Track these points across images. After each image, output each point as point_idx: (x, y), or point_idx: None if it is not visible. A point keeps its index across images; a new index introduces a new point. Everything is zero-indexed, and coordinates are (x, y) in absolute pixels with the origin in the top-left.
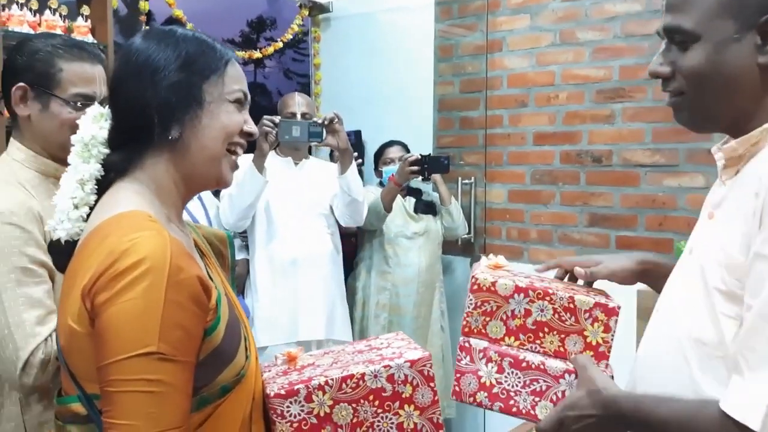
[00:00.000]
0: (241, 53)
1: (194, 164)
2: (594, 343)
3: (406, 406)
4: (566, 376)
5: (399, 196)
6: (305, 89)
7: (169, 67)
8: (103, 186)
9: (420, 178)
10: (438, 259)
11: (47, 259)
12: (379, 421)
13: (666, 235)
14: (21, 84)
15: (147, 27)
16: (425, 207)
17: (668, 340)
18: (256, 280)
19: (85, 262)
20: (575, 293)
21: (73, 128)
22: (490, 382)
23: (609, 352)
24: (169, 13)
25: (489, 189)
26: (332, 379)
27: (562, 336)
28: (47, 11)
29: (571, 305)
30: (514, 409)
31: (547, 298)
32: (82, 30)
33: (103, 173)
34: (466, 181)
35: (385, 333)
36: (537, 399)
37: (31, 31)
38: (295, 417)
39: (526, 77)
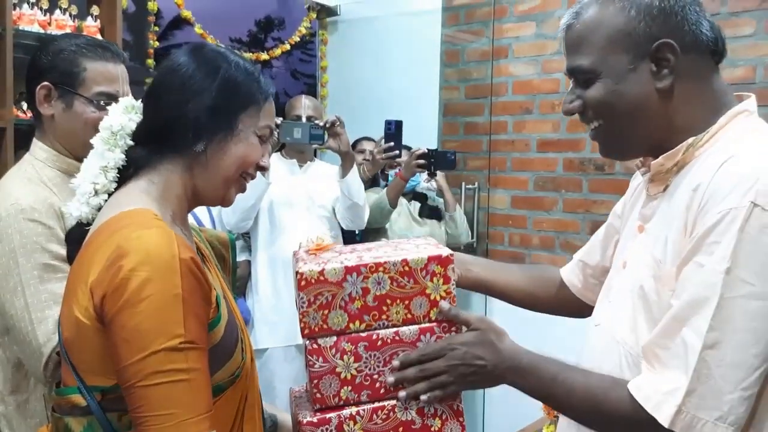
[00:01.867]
0: (248, 54)
1: (207, 180)
2: (438, 298)
3: None
4: (422, 337)
5: (404, 200)
6: (312, 90)
7: (214, 90)
8: (122, 177)
9: (426, 173)
10: None
11: None
12: None
13: None
14: (45, 83)
15: (159, 29)
16: (430, 212)
17: (609, 356)
18: (258, 281)
19: (92, 257)
20: (407, 253)
21: (96, 127)
22: (351, 374)
23: (454, 302)
24: (177, 13)
25: (492, 194)
26: (363, 410)
27: (406, 302)
28: (57, 11)
29: (406, 267)
30: (383, 391)
31: (381, 269)
32: (91, 30)
33: (125, 164)
34: (470, 186)
35: None
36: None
37: (41, 31)
38: None
39: (531, 84)
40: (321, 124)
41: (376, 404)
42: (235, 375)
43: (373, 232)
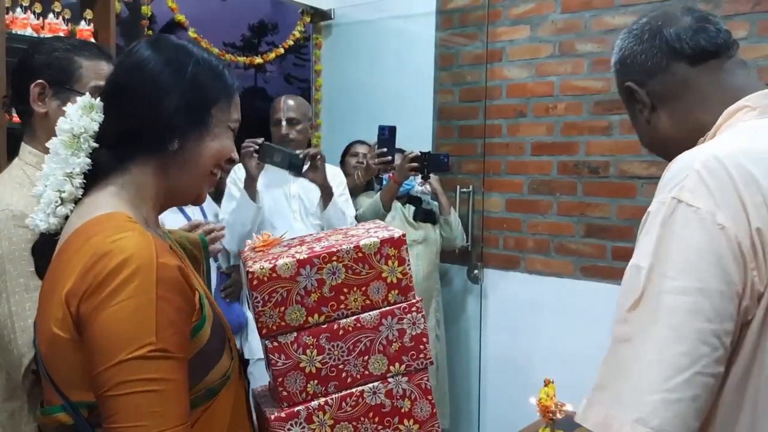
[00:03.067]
0: (242, 58)
1: (182, 178)
2: (395, 281)
3: (405, 421)
4: (383, 321)
5: (399, 204)
6: (305, 94)
7: (185, 86)
8: (88, 182)
9: (419, 176)
10: (436, 267)
11: None
12: None
13: None
14: (40, 81)
15: (153, 34)
16: (424, 215)
17: None
18: None
19: (66, 266)
20: (358, 239)
21: None
22: (315, 367)
23: (411, 282)
24: (171, 17)
25: (487, 198)
26: (332, 399)
27: (364, 288)
28: (51, 14)
29: (360, 254)
30: (349, 380)
31: (335, 258)
32: (84, 34)
33: (91, 167)
34: (465, 189)
35: None
36: (366, 357)
37: (35, 35)
38: None
39: (525, 87)
40: (301, 154)
41: (344, 392)
42: (226, 376)
43: None
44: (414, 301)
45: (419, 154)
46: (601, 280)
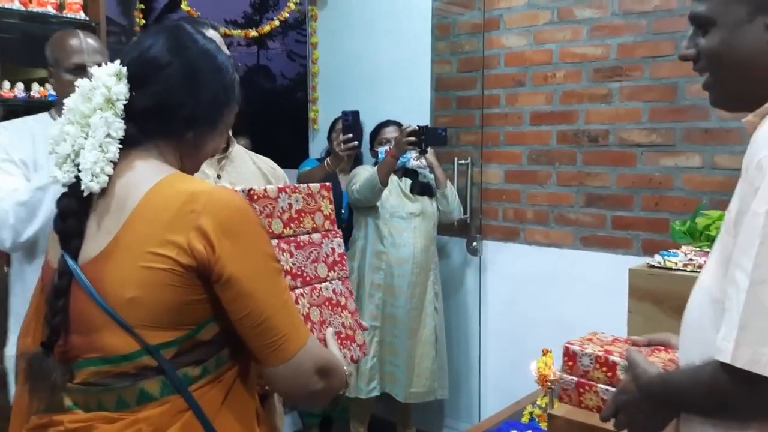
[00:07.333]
0: (237, 32)
1: (185, 164)
2: (328, 213)
3: (344, 311)
4: (324, 240)
5: (395, 177)
6: (306, 70)
7: (218, 87)
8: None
9: (417, 150)
10: (433, 240)
11: None
12: (332, 321)
13: (661, 215)
14: None
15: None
16: (421, 188)
17: (696, 303)
18: None
19: (161, 216)
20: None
21: None
22: (289, 267)
23: (335, 217)
24: None
25: (485, 169)
26: (306, 290)
27: (312, 216)
28: None
29: (309, 191)
30: (308, 279)
31: (297, 191)
32: (73, 7)
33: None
34: (463, 161)
35: (378, 312)
36: (316, 264)
37: (23, 8)
38: None
39: (523, 56)
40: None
41: (309, 287)
42: None
43: (365, 210)
44: (337, 231)
45: (417, 128)
46: (600, 250)
